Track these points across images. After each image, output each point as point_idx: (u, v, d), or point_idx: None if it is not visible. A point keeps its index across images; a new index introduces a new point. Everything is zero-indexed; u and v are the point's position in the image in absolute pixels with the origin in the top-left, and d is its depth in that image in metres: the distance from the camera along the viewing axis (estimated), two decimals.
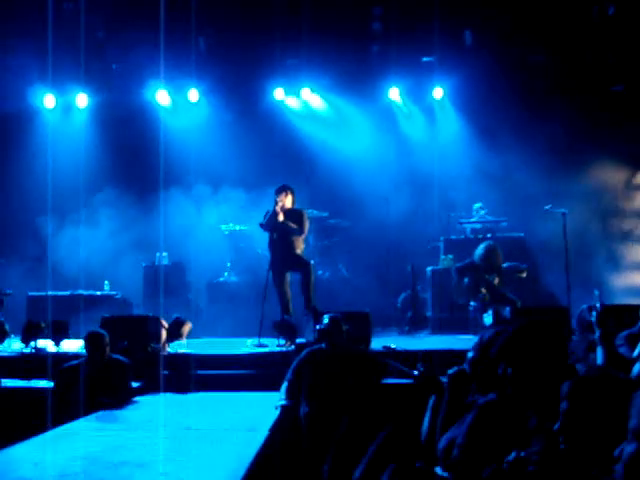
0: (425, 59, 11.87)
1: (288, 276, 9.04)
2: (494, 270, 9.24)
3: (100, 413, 5.92)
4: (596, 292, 6.66)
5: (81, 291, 10.57)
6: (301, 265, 8.90)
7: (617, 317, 6.39)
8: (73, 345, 8.11)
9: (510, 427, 2.87)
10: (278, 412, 5.80)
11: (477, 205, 11.23)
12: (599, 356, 4.55)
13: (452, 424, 3.44)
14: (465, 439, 3.10)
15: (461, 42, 11.46)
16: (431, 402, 3.92)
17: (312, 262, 9.24)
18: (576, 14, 10.90)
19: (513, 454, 2.49)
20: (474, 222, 11.21)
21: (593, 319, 5.33)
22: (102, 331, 6.75)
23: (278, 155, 11.68)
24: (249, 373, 7.56)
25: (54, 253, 11.16)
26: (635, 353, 5.24)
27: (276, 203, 8.78)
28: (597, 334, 4.47)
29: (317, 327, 6.49)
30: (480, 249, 9.39)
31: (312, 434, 5.84)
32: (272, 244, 8.89)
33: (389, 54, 11.61)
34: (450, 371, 3.87)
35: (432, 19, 10.47)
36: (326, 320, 6.23)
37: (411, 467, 3.08)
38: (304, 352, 6.35)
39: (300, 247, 9.03)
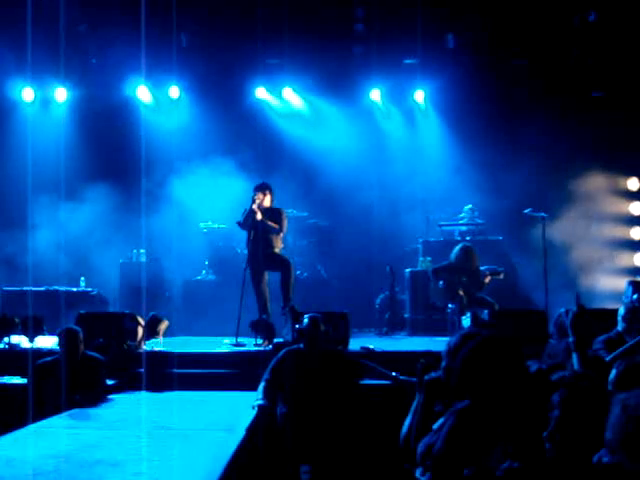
0: (407, 61, 11.90)
1: (266, 275, 9.01)
2: (470, 272, 9.26)
3: (74, 411, 5.85)
4: (577, 293, 6.70)
5: (57, 287, 10.46)
6: (281, 263, 8.86)
7: (595, 321, 6.44)
8: (48, 341, 8.01)
9: (487, 432, 2.89)
10: (255, 412, 5.76)
11: (468, 207, 11.26)
12: (575, 362, 4.57)
13: (428, 428, 3.44)
14: (444, 443, 3.11)
15: (443, 45, 11.49)
16: (413, 406, 3.91)
17: (292, 260, 9.20)
18: (558, 20, 10.97)
19: (506, 464, 2.50)
20: (453, 225, 11.25)
21: (568, 323, 5.35)
22: (77, 327, 6.67)
23: (258, 154, 11.62)
24: (226, 372, 7.51)
25: (31, 248, 11.02)
26: (608, 358, 5.28)
27: (253, 201, 8.74)
28: (571, 339, 4.49)
29: (296, 327, 6.46)
30: (456, 250, 9.41)
31: (289, 434, 5.81)
32: (250, 242, 8.83)
33: (371, 56, 11.61)
34: (426, 377, 3.88)
35: (415, 22, 10.48)
36: (306, 320, 6.20)
37: None
38: (282, 352, 6.32)
39: (279, 246, 9.00)
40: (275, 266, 8.93)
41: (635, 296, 8.80)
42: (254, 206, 8.69)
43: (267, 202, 8.90)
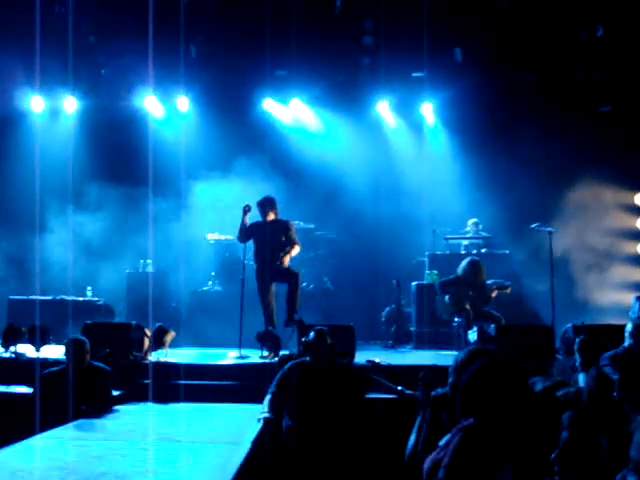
0: (415, 74, 11.92)
1: (274, 287, 9.01)
2: (477, 286, 9.25)
3: (80, 421, 5.83)
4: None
5: (63, 296, 10.48)
6: (289, 275, 8.88)
7: (602, 337, 6.43)
8: (54, 351, 8.02)
9: (494, 450, 2.88)
10: (261, 425, 5.75)
11: (472, 220, 11.26)
12: (580, 381, 4.56)
13: (434, 444, 3.43)
14: (452, 459, 3.09)
15: (451, 59, 11.50)
16: (417, 421, 3.89)
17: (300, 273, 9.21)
18: (565, 35, 10.99)
19: None
20: (459, 238, 11.25)
21: (576, 346, 5.34)
22: (83, 338, 6.67)
23: (265, 165, 11.64)
24: (232, 384, 7.50)
25: (38, 257, 11.06)
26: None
27: (245, 212, 8.78)
28: (578, 361, 4.48)
29: (303, 340, 6.44)
30: (463, 264, 9.39)
31: (295, 448, 5.79)
32: (259, 254, 8.86)
33: (379, 68, 11.63)
34: (433, 393, 3.87)
35: (423, 35, 10.50)
36: (312, 333, 6.19)
37: None
38: (288, 365, 6.30)
39: (288, 259, 9.00)
40: (283, 278, 8.94)
41: None
42: (246, 218, 8.80)
43: (272, 216, 8.94)
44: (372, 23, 11.42)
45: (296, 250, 9.02)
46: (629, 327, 6.09)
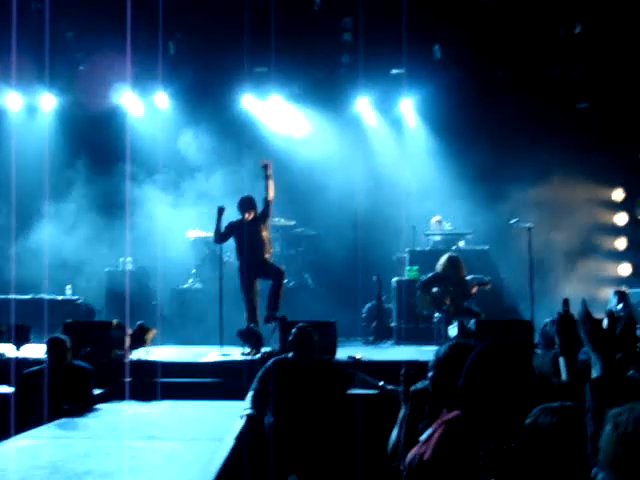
0: (394, 71, 11.96)
1: (258, 283, 9.02)
2: (457, 282, 9.30)
3: (62, 420, 5.81)
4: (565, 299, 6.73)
5: (43, 295, 10.40)
6: (275, 272, 8.91)
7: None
8: (34, 350, 7.96)
9: (477, 443, 2.89)
10: (243, 422, 5.76)
11: (436, 218, 11.32)
12: (562, 368, 4.60)
13: (415, 440, 3.45)
14: (433, 454, 3.11)
15: (430, 56, 11.57)
16: (400, 415, 3.92)
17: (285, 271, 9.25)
18: (543, 32, 11.07)
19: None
20: (440, 234, 11.30)
21: (555, 329, 5.36)
22: (64, 336, 6.63)
23: (244, 162, 11.62)
24: (214, 381, 7.50)
25: (16, 256, 10.97)
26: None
27: (219, 213, 8.85)
28: (557, 343, 4.49)
29: (289, 337, 6.45)
30: (442, 261, 9.43)
31: (277, 444, 5.81)
32: (240, 251, 8.87)
33: (358, 65, 11.65)
34: (413, 388, 3.89)
35: (402, 32, 10.54)
36: (295, 330, 6.21)
37: None
38: (270, 361, 6.33)
39: (269, 251, 9.05)
40: (268, 274, 8.96)
41: (620, 306, 8.88)
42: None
43: (252, 215, 8.96)
44: (351, 20, 11.44)
45: (272, 190, 9.02)
46: (606, 322, 6.15)
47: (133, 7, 9.52)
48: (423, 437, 3.29)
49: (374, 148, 12.49)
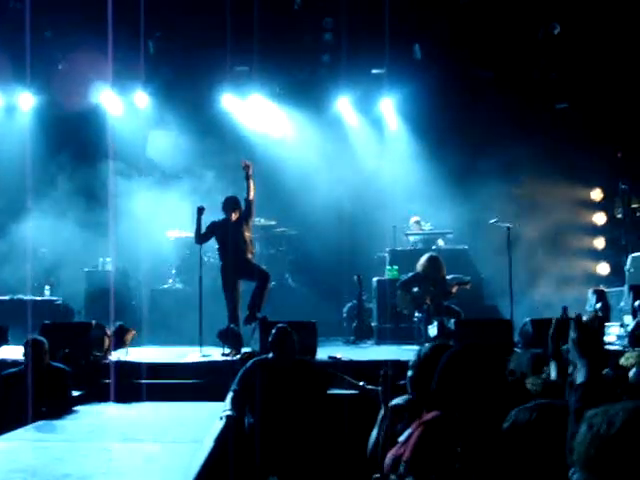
0: (375, 71, 11.98)
1: (240, 284, 8.99)
2: (437, 281, 9.33)
3: (40, 423, 5.75)
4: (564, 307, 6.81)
5: (21, 296, 10.31)
6: (260, 274, 8.92)
7: (562, 331, 6.53)
8: (12, 352, 7.89)
9: (455, 443, 2.90)
10: (223, 423, 5.74)
11: (415, 219, 11.35)
12: (552, 371, 4.62)
13: (394, 440, 3.46)
14: (412, 455, 3.12)
15: (410, 56, 11.61)
16: (380, 416, 3.93)
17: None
18: (523, 33, 11.14)
19: None
20: (420, 233, 11.34)
21: (550, 333, 5.38)
22: (42, 338, 6.57)
23: (225, 161, 11.59)
24: (194, 382, 7.47)
25: None
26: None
27: (199, 212, 8.85)
28: (550, 349, 4.52)
29: (269, 338, 6.43)
30: (422, 261, 9.45)
31: (257, 445, 5.80)
32: (225, 250, 8.85)
33: (339, 65, 11.68)
34: (392, 403, 3.88)
35: (382, 32, 10.57)
36: (275, 331, 6.20)
37: None
38: (250, 362, 6.31)
39: (252, 252, 9.04)
40: (253, 276, 8.95)
41: (599, 305, 8.96)
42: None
43: (236, 215, 8.94)
44: (332, 20, 11.45)
45: (252, 190, 9.00)
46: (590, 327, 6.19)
47: (113, 6, 9.47)
48: (402, 438, 3.30)
49: (355, 148, 12.50)
